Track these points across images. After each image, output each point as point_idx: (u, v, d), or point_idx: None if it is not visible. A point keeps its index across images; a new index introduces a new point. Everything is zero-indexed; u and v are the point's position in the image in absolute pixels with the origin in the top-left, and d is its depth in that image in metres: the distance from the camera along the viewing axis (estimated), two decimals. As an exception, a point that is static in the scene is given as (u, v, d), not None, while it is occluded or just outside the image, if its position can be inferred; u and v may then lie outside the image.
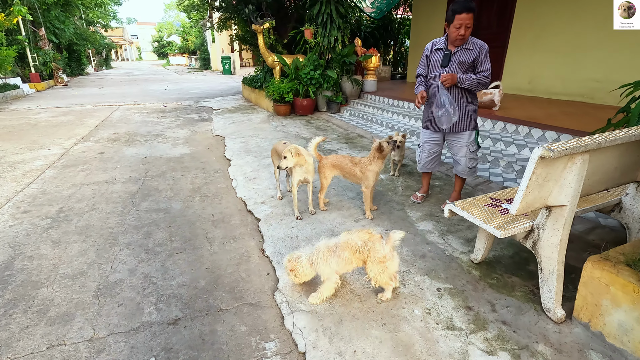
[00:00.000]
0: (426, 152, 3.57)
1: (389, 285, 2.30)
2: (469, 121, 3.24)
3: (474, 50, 3.12)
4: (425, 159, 3.59)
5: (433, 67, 3.27)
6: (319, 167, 3.57)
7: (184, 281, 2.63)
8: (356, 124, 7.33)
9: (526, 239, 2.16)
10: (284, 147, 3.53)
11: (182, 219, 3.58)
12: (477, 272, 2.58)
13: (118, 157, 5.58)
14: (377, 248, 2.17)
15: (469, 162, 3.34)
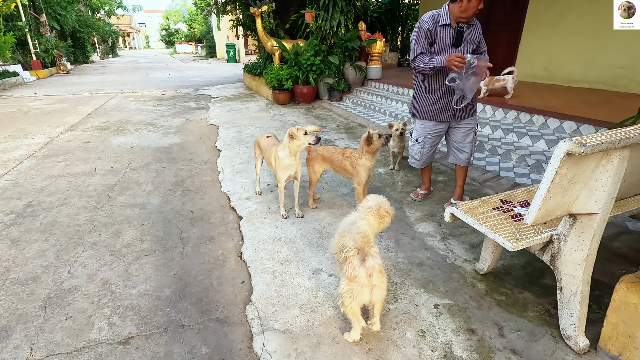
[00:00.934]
0: (429, 146, 3.15)
1: (356, 321, 1.78)
2: (474, 108, 3.01)
3: (475, 26, 2.74)
4: (427, 154, 3.19)
5: (440, 46, 2.82)
6: (307, 160, 3.21)
7: (147, 289, 2.32)
8: (358, 113, 6.92)
9: (543, 251, 1.79)
10: (268, 140, 3.17)
11: (158, 215, 3.27)
12: (483, 286, 2.21)
13: (103, 147, 5.29)
14: (353, 263, 1.70)
15: (473, 147, 3.10)
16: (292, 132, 2.76)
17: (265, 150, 3.14)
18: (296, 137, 2.75)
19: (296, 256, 2.60)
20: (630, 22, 1.12)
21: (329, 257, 2.58)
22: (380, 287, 1.70)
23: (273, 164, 2.97)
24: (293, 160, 2.90)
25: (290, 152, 2.83)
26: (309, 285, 2.29)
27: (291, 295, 2.21)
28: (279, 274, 2.42)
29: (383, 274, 1.71)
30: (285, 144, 2.84)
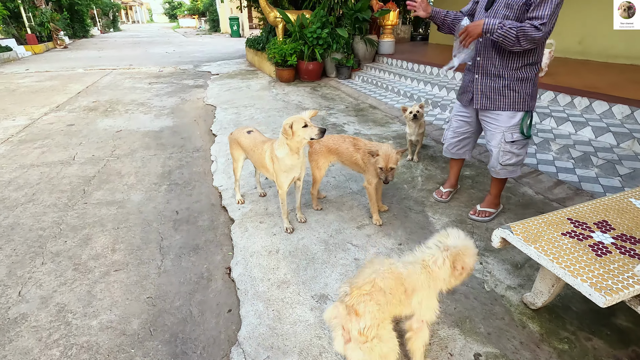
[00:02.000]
0: (452, 130, 2.64)
1: None
2: (512, 97, 2.19)
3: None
4: (451, 139, 2.66)
5: (478, 10, 2.26)
6: (309, 154, 2.67)
7: (111, 320, 1.87)
8: (369, 92, 6.28)
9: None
10: (251, 138, 2.60)
11: (137, 217, 2.80)
12: (536, 326, 1.71)
13: (87, 131, 4.79)
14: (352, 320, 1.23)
15: (502, 156, 2.30)
16: (286, 130, 2.15)
17: (251, 150, 2.56)
18: (291, 134, 2.15)
19: (296, 276, 2.12)
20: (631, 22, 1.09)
21: (337, 278, 2.09)
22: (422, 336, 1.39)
23: (270, 167, 2.41)
24: (297, 159, 2.32)
25: (291, 149, 2.27)
26: (312, 320, 1.81)
27: (289, 334, 1.74)
28: (274, 301, 1.95)
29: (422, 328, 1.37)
30: (282, 141, 2.28)
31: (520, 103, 2.20)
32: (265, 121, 5.01)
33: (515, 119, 2.23)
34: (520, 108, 2.21)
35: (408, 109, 3.33)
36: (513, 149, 2.29)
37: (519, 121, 2.23)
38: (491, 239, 1.59)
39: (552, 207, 2.67)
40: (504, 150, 2.30)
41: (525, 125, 2.24)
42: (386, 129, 4.53)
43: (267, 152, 2.40)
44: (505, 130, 2.26)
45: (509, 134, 2.26)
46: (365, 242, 2.38)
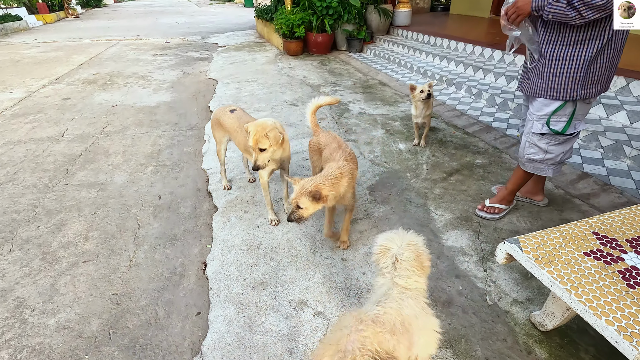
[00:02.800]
0: (522, 116, 2.27)
1: None
2: (551, 81, 1.78)
3: None
4: (522, 128, 2.24)
5: None
6: (310, 145, 2.36)
7: (69, 320, 1.72)
8: (380, 67, 5.85)
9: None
10: (235, 117, 2.33)
11: (117, 201, 2.63)
12: (544, 352, 1.46)
13: (82, 105, 4.61)
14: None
15: (527, 148, 1.99)
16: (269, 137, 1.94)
17: (234, 131, 2.30)
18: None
19: (275, 277, 1.91)
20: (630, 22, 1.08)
21: (319, 281, 1.87)
22: None
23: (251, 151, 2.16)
24: (277, 152, 2.06)
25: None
26: (285, 331, 1.61)
27: (257, 347, 1.55)
28: (247, 305, 1.75)
29: None
30: None
31: (560, 90, 1.77)
32: (266, 97, 4.72)
33: (548, 108, 1.84)
34: (557, 96, 1.79)
35: (418, 88, 2.97)
36: (540, 142, 1.93)
37: (550, 111, 1.84)
38: (495, 253, 1.32)
39: (573, 205, 2.35)
40: (530, 141, 1.97)
41: (557, 118, 1.83)
42: (394, 108, 4.17)
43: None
44: (536, 119, 1.91)
45: (538, 124, 1.90)
46: (355, 240, 2.14)
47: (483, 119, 3.62)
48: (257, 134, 1.89)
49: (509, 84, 4.10)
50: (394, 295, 1.12)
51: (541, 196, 2.34)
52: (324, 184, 1.71)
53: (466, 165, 2.88)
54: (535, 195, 2.34)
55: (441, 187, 2.62)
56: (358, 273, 1.90)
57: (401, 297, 1.11)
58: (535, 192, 2.33)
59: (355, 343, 0.99)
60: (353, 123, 3.78)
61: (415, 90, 2.99)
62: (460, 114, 3.80)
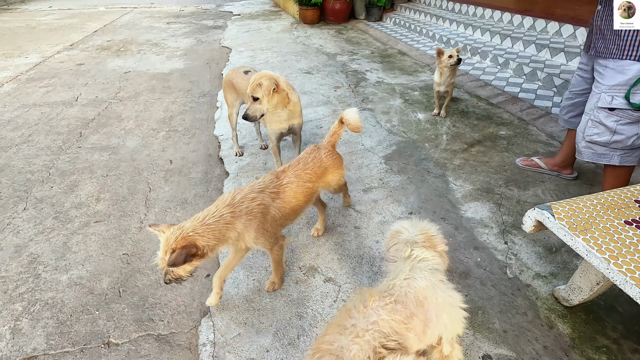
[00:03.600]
0: (569, 89, 2.03)
1: None
2: (631, 37, 1.44)
3: None
4: (566, 101, 2.04)
5: None
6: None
7: (81, 277, 1.72)
8: (400, 36, 5.57)
9: None
10: (246, 78, 2.23)
11: (129, 164, 2.61)
12: (567, 328, 1.38)
13: (96, 71, 4.57)
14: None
15: (590, 127, 1.65)
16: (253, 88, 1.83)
17: (245, 93, 2.21)
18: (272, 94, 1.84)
19: (286, 242, 1.86)
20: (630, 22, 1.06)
21: (331, 248, 1.82)
22: None
23: None
24: (284, 111, 1.97)
25: (275, 105, 1.91)
26: (295, 295, 1.58)
27: (266, 310, 1.52)
28: (257, 269, 1.72)
29: None
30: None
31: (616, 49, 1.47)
32: (280, 66, 4.57)
33: (626, 75, 1.48)
34: (619, 56, 1.47)
35: (446, 53, 2.78)
36: (608, 120, 1.57)
37: (631, 79, 1.47)
38: (523, 221, 1.22)
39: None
40: (594, 119, 1.62)
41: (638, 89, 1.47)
42: (413, 78, 3.97)
43: None
44: (606, 90, 1.55)
45: (607, 96, 1.55)
46: (369, 209, 2.06)
47: (509, 90, 3.41)
48: (253, 81, 1.81)
49: (539, 52, 3.83)
50: (405, 269, 1.01)
51: (570, 170, 2.19)
52: (197, 234, 1.22)
53: (489, 136, 2.73)
54: (564, 169, 2.20)
55: (461, 157, 2.49)
56: (371, 241, 1.84)
57: (414, 270, 1.01)
58: (565, 165, 2.18)
59: (359, 318, 0.89)
60: (370, 92, 3.63)
61: (442, 55, 2.79)
62: (485, 84, 3.59)
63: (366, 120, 3.05)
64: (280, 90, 1.87)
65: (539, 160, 2.27)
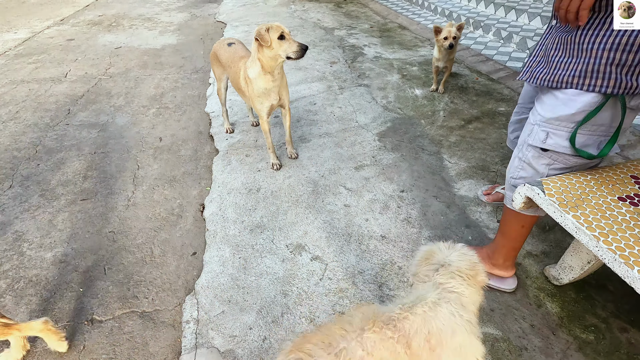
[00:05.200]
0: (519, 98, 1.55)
1: None
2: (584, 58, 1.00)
3: None
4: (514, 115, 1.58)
5: None
6: None
7: (66, 254, 1.70)
8: (400, 10, 5.36)
9: None
10: (231, 50, 2.13)
11: (118, 142, 2.55)
12: (556, 307, 1.35)
13: (86, 46, 4.44)
14: None
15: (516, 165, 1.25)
16: (260, 33, 1.71)
17: (228, 65, 2.11)
18: (265, 42, 1.71)
19: (273, 220, 1.83)
20: (630, 22, 0.99)
21: (319, 226, 1.78)
22: None
23: (244, 89, 1.98)
24: (271, 81, 1.87)
25: (263, 68, 1.82)
26: (280, 273, 1.55)
27: (251, 288, 1.50)
28: (243, 247, 1.69)
29: None
30: (254, 56, 1.83)
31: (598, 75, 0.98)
32: (276, 41, 4.41)
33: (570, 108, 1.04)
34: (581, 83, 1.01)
35: (442, 33, 2.62)
36: (538, 163, 1.17)
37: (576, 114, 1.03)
38: (512, 197, 1.17)
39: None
40: (522, 157, 1.21)
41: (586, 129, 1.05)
42: (413, 52, 3.84)
43: (242, 71, 1.97)
44: (541, 123, 1.13)
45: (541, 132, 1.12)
46: (360, 186, 2.01)
47: (511, 65, 3.28)
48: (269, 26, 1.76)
49: (544, 25, 3.66)
50: (428, 298, 0.83)
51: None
52: None
53: (487, 112, 2.64)
54: None
55: (458, 134, 2.41)
56: (361, 220, 1.80)
57: (437, 303, 0.82)
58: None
59: (351, 343, 0.76)
60: (367, 67, 3.51)
61: (439, 34, 2.65)
62: (486, 59, 3.46)
63: (362, 97, 2.96)
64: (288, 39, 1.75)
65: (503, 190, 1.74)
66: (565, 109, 1.05)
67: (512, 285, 1.41)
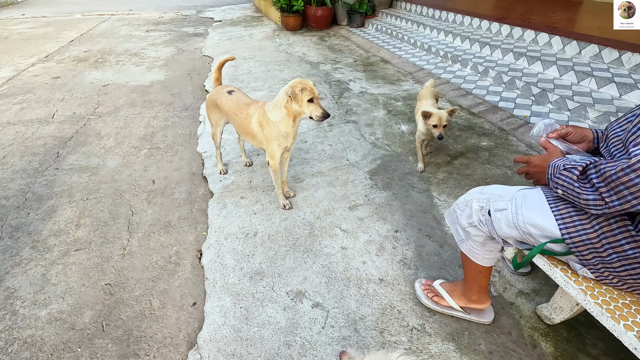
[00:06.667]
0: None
1: None
2: None
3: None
4: None
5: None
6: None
7: (61, 311, 1.67)
8: (382, 43, 5.62)
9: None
10: (234, 98, 2.21)
11: (110, 185, 2.54)
12: (550, 347, 1.42)
13: (73, 84, 4.45)
14: None
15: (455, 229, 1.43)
16: (295, 92, 1.82)
17: (233, 114, 2.18)
18: (297, 101, 1.83)
19: (272, 266, 1.85)
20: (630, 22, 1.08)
21: (318, 270, 1.81)
22: None
23: (258, 133, 2.06)
24: (291, 126, 1.98)
25: (288, 114, 1.93)
26: (283, 323, 1.56)
27: (254, 340, 1.50)
28: (244, 295, 1.70)
29: None
30: (280, 104, 1.92)
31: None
32: (264, 76, 4.54)
33: (544, 220, 1.03)
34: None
35: (432, 119, 2.22)
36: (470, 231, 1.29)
37: (543, 235, 1.03)
38: (504, 247, 1.24)
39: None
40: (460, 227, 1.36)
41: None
42: (396, 87, 4.01)
43: (255, 117, 2.05)
44: (478, 199, 1.24)
45: (478, 214, 1.23)
46: (356, 227, 2.07)
47: (489, 99, 3.48)
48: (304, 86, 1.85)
49: (517, 61, 3.92)
50: None
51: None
52: None
53: (471, 147, 2.78)
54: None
55: (445, 171, 2.52)
56: (358, 262, 1.84)
57: None
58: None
59: None
60: (354, 103, 3.65)
61: (428, 119, 2.24)
62: (466, 93, 3.65)
63: (350, 134, 3.06)
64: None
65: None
66: (540, 220, 1.02)
67: (491, 317, 1.49)
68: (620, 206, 0.81)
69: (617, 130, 1.02)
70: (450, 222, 1.41)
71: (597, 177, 0.85)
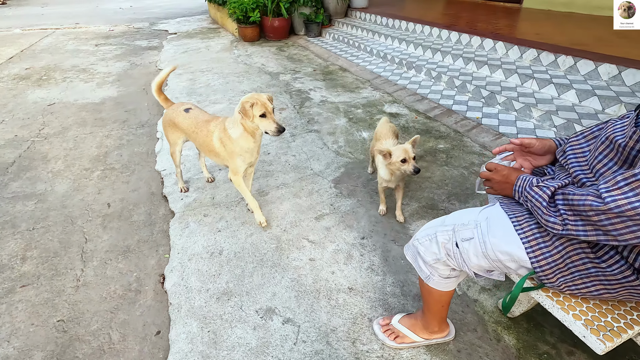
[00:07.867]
0: None
1: None
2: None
3: None
4: None
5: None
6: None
7: (7, 356, 1.52)
8: (340, 52, 5.73)
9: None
10: (192, 116, 2.15)
11: (60, 212, 2.38)
12: (512, 339, 1.48)
13: (14, 104, 4.14)
14: None
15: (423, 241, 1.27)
16: (245, 110, 1.78)
17: (193, 132, 2.12)
18: (248, 117, 1.80)
19: (240, 284, 1.80)
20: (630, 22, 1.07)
21: (287, 285, 1.79)
22: None
23: (219, 150, 2.01)
24: (253, 142, 1.95)
25: (246, 130, 1.89)
26: (254, 343, 1.52)
27: (224, 364, 1.45)
28: (211, 319, 1.64)
29: None
30: (236, 120, 1.88)
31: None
32: (223, 88, 4.47)
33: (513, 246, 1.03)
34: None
35: (396, 154, 1.87)
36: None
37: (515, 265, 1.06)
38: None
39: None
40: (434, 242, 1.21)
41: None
42: (356, 95, 4.10)
43: (216, 133, 2.00)
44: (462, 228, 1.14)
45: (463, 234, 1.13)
46: (323, 237, 2.07)
47: (443, 102, 3.63)
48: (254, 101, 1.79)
49: (467, 65, 4.14)
50: None
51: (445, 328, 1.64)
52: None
53: (429, 151, 2.88)
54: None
55: (406, 175, 2.59)
56: (327, 273, 1.84)
57: None
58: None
59: None
60: (315, 112, 3.67)
61: (390, 157, 1.90)
62: (422, 98, 3.80)
63: (313, 143, 3.08)
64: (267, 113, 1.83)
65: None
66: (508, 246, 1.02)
67: (452, 333, 1.49)
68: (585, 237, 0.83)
69: (582, 142, 1.02)
70: (411, 258, 1.31)
71: (564, 204, 0.86)
